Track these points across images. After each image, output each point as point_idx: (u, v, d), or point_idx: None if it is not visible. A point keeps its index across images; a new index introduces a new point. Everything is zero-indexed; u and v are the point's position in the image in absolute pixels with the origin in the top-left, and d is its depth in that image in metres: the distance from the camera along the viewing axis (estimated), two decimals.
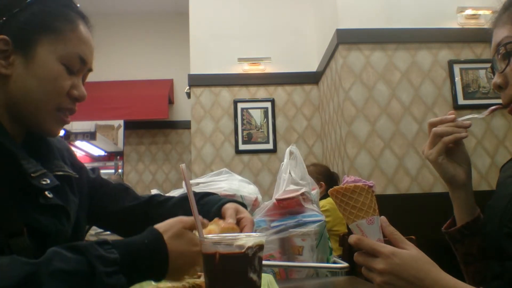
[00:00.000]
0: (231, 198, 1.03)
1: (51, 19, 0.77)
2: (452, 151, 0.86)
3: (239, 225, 0.86)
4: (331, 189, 0.71)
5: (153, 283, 0.82)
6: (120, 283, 0.60)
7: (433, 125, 0.84)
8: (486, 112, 0.85)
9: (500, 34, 0.82)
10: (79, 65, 0.81)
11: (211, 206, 0.93)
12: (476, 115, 0.86)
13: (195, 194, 0.98)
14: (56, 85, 0.77)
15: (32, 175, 0.72)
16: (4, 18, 0.74)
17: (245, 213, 0.88)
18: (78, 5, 0.84)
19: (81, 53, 0.80)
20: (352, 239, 0.69)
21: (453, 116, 0.84)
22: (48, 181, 0.75)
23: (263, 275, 0.90)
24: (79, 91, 0.81)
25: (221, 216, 0.89)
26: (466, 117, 0.85)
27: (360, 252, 0.69)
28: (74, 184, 0.88)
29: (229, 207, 0.90)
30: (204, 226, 0.73)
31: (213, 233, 0.78)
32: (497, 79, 0.83)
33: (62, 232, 0.76)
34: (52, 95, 0.77)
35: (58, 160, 0.86)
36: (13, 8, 0.75)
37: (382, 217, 0.70)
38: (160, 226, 0.68)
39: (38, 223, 0.71)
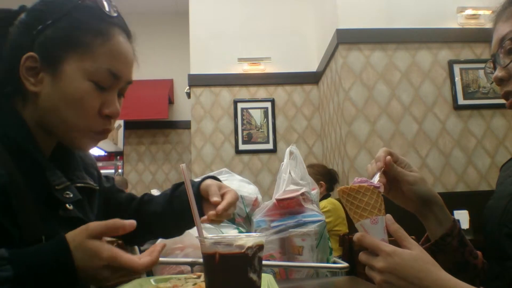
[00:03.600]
0: (208, 175, 1.02)
1: (80, 34, 0.73)
2: (395, 179, 0.81)
3: (223, 198, 0.83)
4: (339, 188, 0.72)
5: (153, 282, 0.82)
6: None
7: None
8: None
9: (504, 28, 0.81)
10: (111, 81, 0.75)
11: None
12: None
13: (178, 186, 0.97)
14: (84, 105, 0.72)
15: (56, 187, 0.72)
16: (34, 32, 0.72)
17: (228, 188, 0.87)
18: (115, 14, 0.77)
19: (112, 68, 0.74)
20: (356, 235, 0.68)
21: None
22: (71, 195, 0.74)
23: (263, 275, 0.90)
24: (110, 108, 0.75)
25: (202, 197, 0.87)
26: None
27: (364, 251, 0.69)
28: (94, 196, 0.87)
29: (211, 184, 0.87)
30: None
31: None
32: (499, 72, 0.82)
33: None
34: (81, 115, 0.73)
35: (81, 171, 0.85)
36: (42, 22, 0.72)
37: (388, 215, 0.69)
38: (69, 234, 0.63)
39: (57, 234, 0.70)
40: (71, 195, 0.74)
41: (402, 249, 0.64)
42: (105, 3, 0.76)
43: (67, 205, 0.73)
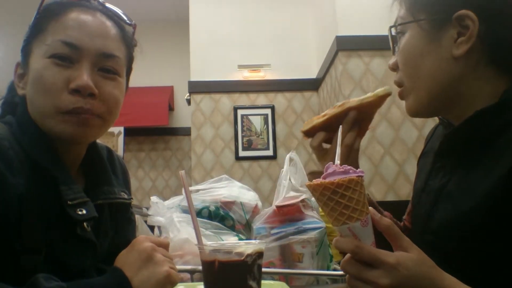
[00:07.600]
0: None
1: (39, 24, 0.75)
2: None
3: None
4: (313, 183, 0.57)
5: None
6: None
7: None
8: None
9: (398, 13, 0.79)
10: (69, 51, 0.72)
11: None
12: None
13: None
14: (45, 82, 0.71)
15: (68, 202, 0.69)
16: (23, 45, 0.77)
17: None
18: None
19: (66, 38, 0.72)
20: (348, 246, 0.58)
21: None
22: (85, 212, 0.71)
23: (276, 283, 0.89)
24: (76, 81, 0.71)
25: None
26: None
27: (350, 259, 0.59)
28: (126, 209, 0.87)
29: None
30: None
31: None
32: (391, 60, 0.82)
33: (82, 265, 0.73)
34: (46, 95, 0.71)
35: (111, 185, 0.83)
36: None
37: (371, 208, 0.59)
38: (123, 264, 0.64)
39: (62, 250, 0.69)
40: (85, 212, 0.70)
41: (403, 256, 0.57)
42: None
43: (85, 225, 0.71)
